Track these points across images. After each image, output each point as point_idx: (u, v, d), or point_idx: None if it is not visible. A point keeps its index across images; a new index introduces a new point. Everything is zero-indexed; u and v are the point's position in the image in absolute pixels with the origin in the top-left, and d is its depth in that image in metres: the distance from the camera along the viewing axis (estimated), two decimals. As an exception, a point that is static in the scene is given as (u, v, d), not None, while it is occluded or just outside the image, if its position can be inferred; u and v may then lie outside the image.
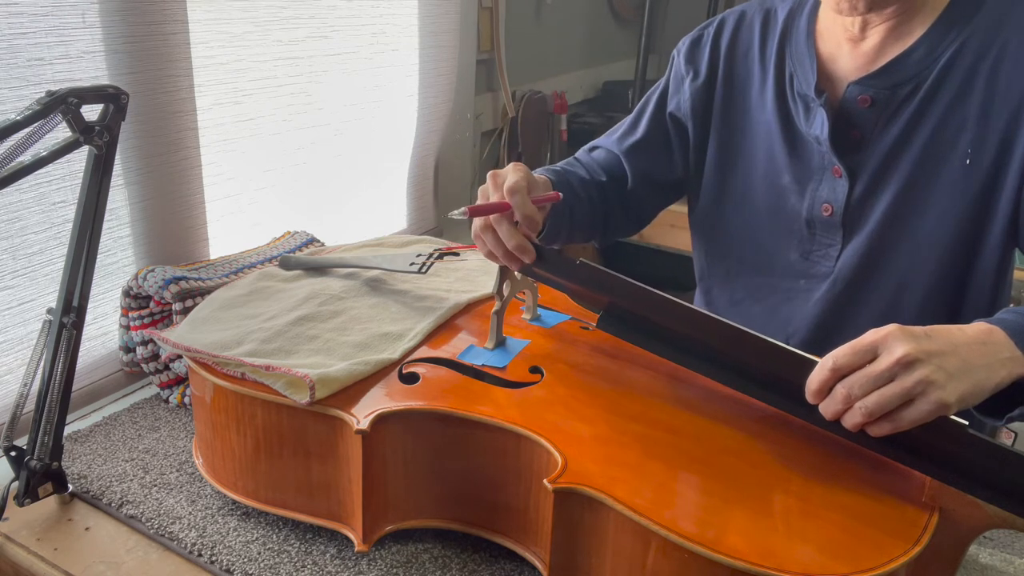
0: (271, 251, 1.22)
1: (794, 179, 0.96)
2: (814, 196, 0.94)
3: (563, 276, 0.85)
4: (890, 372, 0.63)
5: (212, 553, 0.80)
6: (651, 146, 1.08)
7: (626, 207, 1.09)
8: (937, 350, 0.64)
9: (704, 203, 1.05)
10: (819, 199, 0.94)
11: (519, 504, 0.75)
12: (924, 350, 0.63)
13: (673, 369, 0.82)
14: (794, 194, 0.96)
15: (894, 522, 0.64)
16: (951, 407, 0.63)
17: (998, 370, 0.66)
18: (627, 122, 1.11)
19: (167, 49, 1.11)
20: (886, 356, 0.63)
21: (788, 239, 0.99)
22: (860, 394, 0.64)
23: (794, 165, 0.96)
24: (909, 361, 0.62)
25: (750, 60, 1.00)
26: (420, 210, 1.87)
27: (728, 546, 0.60)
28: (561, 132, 2.30)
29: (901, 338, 0.63)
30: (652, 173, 1.08)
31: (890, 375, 0.63)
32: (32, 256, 1.04)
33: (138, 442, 0.98)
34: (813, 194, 0.94)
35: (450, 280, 1.04)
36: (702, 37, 1.04)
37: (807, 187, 0.95)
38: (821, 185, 0.94)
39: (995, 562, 0.81)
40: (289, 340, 0.86)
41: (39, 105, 0.72)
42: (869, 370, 0.63)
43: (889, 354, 0.63)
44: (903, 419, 0.63)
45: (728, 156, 1.02)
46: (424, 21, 1.66)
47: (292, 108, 1.41)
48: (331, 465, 0.79)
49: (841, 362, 0.64)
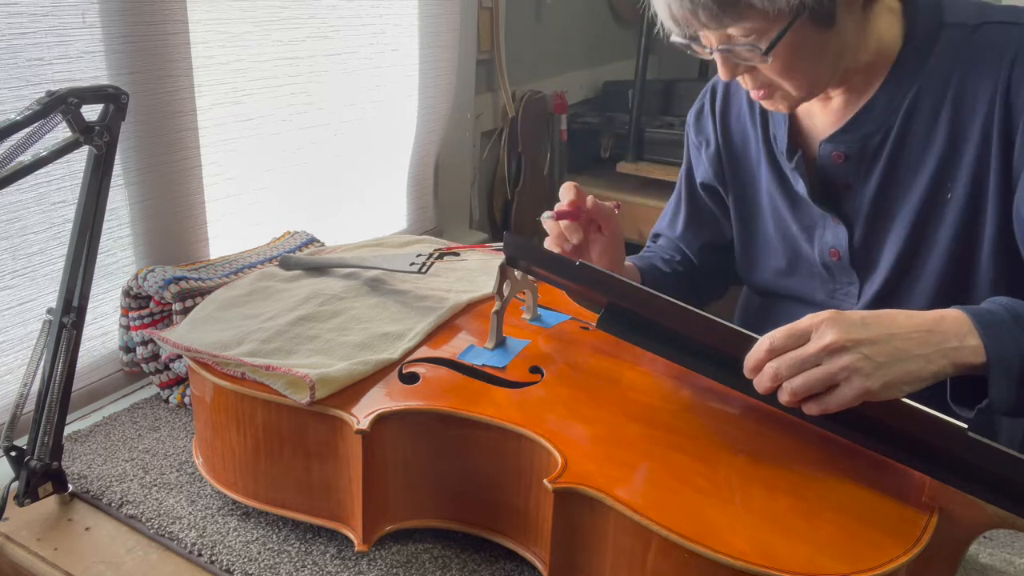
0: (271, 251, 1.22)
1: (801, 228, 0.99)
2: (822, 243, 0.97)
3: (563, 276, 0.85)
4: (816, 357, 0.66)
5: (212, 553, 0.80)
6: (698, 221, 1.13)
7: (707, 274, 1.14)
8: (867, 339, 0.66)
9: (739, 253, 1.09)
10: (826, 245, 0.96)
11: (519, 504, 0.76)
12: (852, 339, 0.66)
13: (673, 369, 0.82)
14: (805, 242, 0.99)
15: (894, 522, 0.64)
16: (876, 394, 0.66)
17: (938, 360, 0.67)
18: (671, 204, 1.16)
19: (167, 49, 1.11)
20: (815, 341, 0.67)
21: (812, 281, 1.02)
22: (787, 374, 0.67)
23: (797, 216, 0.99)
24: (835, 349, 0.66)
25: (742, 121, 1.03)
26: (420, 210, 1.87)
27: (728, 546, 0.60)
28: (561, 132, 2.30)
29: (833, 325, 0.66)
30: (711, 242, 1.12)
31: (816, 360, 0.66)
32: (32, 256, 1.04)
33: (138, 442, 0.98)
34: (820, 241, 0.97)
35: (450, 280, 1.04)
36: (703, 107, 1.08)
37: (814, 235, 0.98)
38: (825, 232, 0.96)
39: (995, 562, 0.81)
40: (289, 340, 0.86)
41: (39, 105, 0.72)
42: (797, 353, 0.67)
43: (818, 340, 0.66)
44: (829, 402, 0.67)
45: (746, 211, 1.06)
46: (424, 21, 1.66)
47: (292, 108, 1.41)
48: (331, 465, 0.79)
49: (777, 343, 0.68)
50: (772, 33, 0.78)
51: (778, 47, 0.78)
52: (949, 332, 0.69)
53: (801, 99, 0.86)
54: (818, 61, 0.82)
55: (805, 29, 0.78)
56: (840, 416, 0.68)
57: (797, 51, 0.80)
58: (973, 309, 0.71)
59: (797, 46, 0.79)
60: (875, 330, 0.67)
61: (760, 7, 0.75)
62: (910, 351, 0.67)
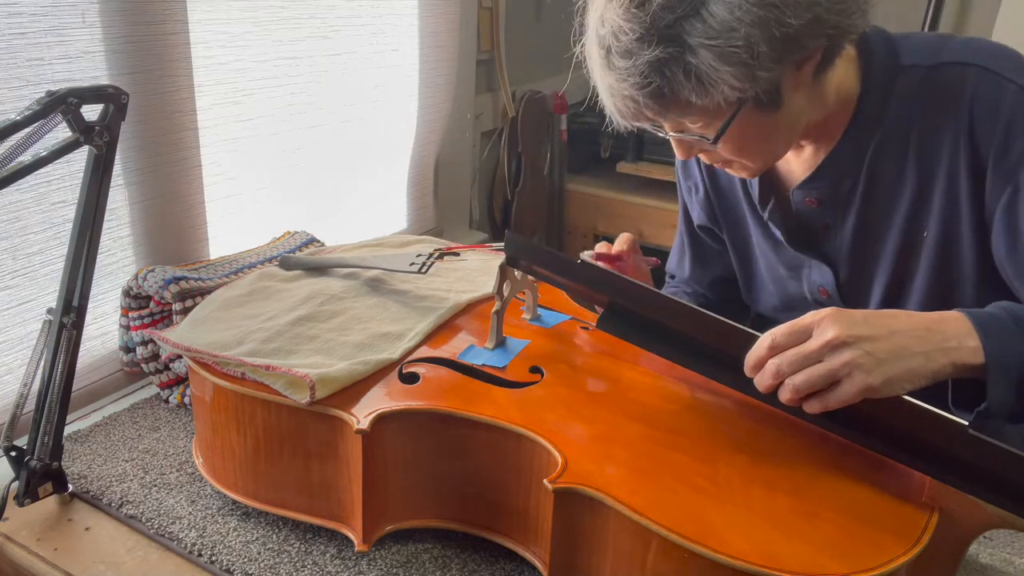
0: (271, 251, 1.22)
1: (787, 269, 1.00)
2: (810, 282, 0.97)
3: (565, 275, 0.85)
4: (819, 353, 0.66)
5: (212, 553, 0.80)
6: (703, 259, 1.13)
7: (725, 304, 1.14)
8: (869, 335, 0.66)
9: (742, 286, 1.10)
10: (814, 284, 0.97)
11: (519, 504, 0.75)
12: (854, 335, 0.66)
13: (673, 369, 0.82)
14: (793, 281, 1.00)
15: (894, 522, 0.64)
16: (878, 390, 0.65)
17: (938, 358, 0.68)
18: (677, 245, 1.17)
19: (167, 49, 1.11)
20: (817, 338, 0.67)
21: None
22: (789, 371, 0.67)
23: (783, 259, 0.99)
24: (837, 344, 0.66)
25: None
26: (420, 210, 1.87)
27: (728, 546, 0.60)
28: (561, 132, 2.30)
29: (835, 321, 0.66)
30: (720, 276, 1.13)
31: (818, 356, 0.66)
32: (32, 256, 1.04)
33: (138, 442, 0.98)
34: (808, 280, 0.97)
35: (450, 280, 1.04)
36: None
37: (801, 274, 0.98)
38: (812, 272, 0.96)
39: (995, 562, 0.81)
40: (289, 340, 0.86)
41: (39, 105, 0.72)
42: (799, 349, 0.67)
43: (820, 336, 0.66)
44: (830, 399, 0.66)
45: (741, 249, 1.06)
46: (424, 21, 1.66)
47: (292, 108, 1.41)
48: (331, 465, 0.79)
49: (779, 340, 0.68)
50: (718, 123, 0.78)
51: (727, 133, 0.78)
52: (949, 332, 0.69)
53: (760, 169, 0.87)
54: (769, 139, 0.83)
55: (752, 115, 0.78)
56: (840, 415, 0.68)
57: (746, 134, 0.80)
58: (974, 312, 0.71)
59: (746, 130, 0.79)
60: (876, 327, 0.67)
61: (701, 104, 0.75)
62: (911, 348, 0.67)
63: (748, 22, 0.70)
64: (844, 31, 0.75)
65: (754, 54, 0.71)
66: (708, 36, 0.70)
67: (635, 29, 0.72)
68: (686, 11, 0.71)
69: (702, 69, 0.72)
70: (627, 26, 0.72)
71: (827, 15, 0.72)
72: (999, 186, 0.79)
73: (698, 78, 0.72)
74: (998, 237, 0.80)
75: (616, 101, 0.79)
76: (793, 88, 0.78)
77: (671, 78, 0.73)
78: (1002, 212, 0.79)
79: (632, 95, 0.76)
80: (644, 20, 0.72)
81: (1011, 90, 0.77)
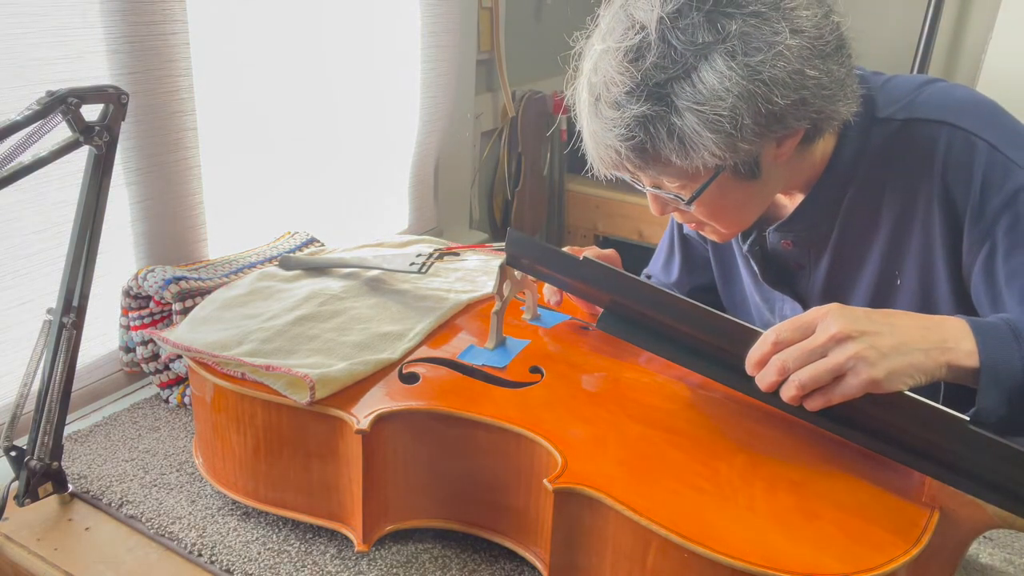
0: (271, 251, 1.22)
1: (762, 300, 1.01)
2: (782, 316, 0.98)
3: (567, 273, 0.85)
4: (824, 348, 0.66)
5: (212, 553, 0.80)
6: (691, 265, 1.13)
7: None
8: (872, 330, 0.67)
9: (726, 306, 1.10)
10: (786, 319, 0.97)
11: (519, 504, 0.76)
12: (858, 329, 0.66)
13: (673, 369, 0.82)
14: (767, 311, 1.01)
15: (894, 522, 0.64)
16: (881, 384, 0.65)
17: (935, 356, 0.68)
18: (663, 249, 1.17)
19: (167, 49, 1.11)
20: (821, 332, 0.67)
21: None
22: (794, 367, 0.67)
23: (759, 290, 1.01)
24: (842, 338, 0.66)
25: None
26: (420, 210, 1.87)
27: (728, 546, 0.60)
28: (561, 132, 2.30)
29: (839, 316, 0.67)
30: (703, 285, 1.13)
31: (823, 351, 0.66)
32: (32, 256, 1.04)
33: (138, 442, 0.98)
34: (781, 314, 0.99)
35: (450, 280, 1.04)
36: None
37: (775, 307, 1.00)
38: (784, 306, 0.97)
39: (995, 562, 0.81)
40: (289, 340, 0.86)
41: (39, 105, 0.72)
42: (804, 345, 0.67)
43: (824, 330, 0.66)
44: (834, 393, 0.66)
45: (722, 272, 1.07)
46: (424, 21, 1.66)
47: (292, 108, 1.41)
48: (331, 465, 0.79)
49: (782, 336, 0.68)
50: (695, 186, 0.79)
51: (702, 197, 0.79)
52: (948, 332, 0.69)
53: (732, 235, 0.88)
54: (743, 208, 0.84)
55: (728, 182, 0.79)
56: (840, 414, 0.68)
57: (721, 200, 0.81)
58: (974, 318, 0.72)
59: (721, 196, 0.80)
60: (879, 322, 0.68)
61: (680, 165, 0.76)
62: (912, 344, 0.67)
63: (736, 94, 0.71)
64: (828, 117, 0.77)
65: (737, 125, 0.72)
66: (696, 101, 0.72)
67: (626, 83, 0.73)
68: (678, 73, 0.72)
69: (686, 132, 0.73)
70: (619, 78, 0.74)
71: (813, 99, 0.74)
72: (977, 241, 0.80)
73: (680, 140, 0.73)
74: (978, 290, 0.82)
75: (599, 149, 0.80)
76: (772, 161, 0.79)
77: (655, 135, 0.74)
78: (981, 267, 0.80)
79: (615, 145, 0.77)
80: (636, 76, 0.73)
81: (982, 148, 0.78)
